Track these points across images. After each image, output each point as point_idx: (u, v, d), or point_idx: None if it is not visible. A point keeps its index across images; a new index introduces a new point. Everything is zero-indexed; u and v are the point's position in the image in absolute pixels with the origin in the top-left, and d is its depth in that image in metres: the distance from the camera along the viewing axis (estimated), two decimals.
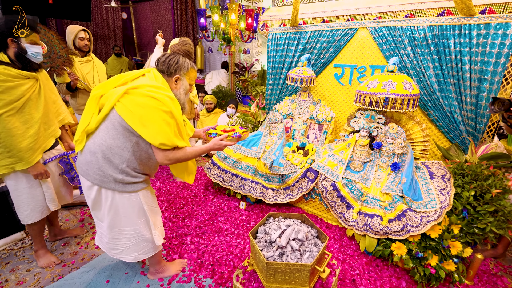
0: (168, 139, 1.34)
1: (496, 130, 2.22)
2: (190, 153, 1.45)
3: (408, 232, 1.70)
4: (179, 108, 1.46)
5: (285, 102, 2.91)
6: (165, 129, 1.33)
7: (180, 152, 1.42)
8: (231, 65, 4.36)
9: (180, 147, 1.42)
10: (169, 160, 1.41)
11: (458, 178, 1.85)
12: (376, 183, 2.07)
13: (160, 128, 1.31)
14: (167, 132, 1.34)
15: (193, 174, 1.71)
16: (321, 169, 2.27)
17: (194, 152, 1.46)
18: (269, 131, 2.78)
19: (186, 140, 1.51)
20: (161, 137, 1.32)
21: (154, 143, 1.32)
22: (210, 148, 1.50)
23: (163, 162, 1.42)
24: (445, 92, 2.16)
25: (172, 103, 1.39)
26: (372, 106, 1.98)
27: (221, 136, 1.50)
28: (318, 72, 2.80)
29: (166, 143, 1.34)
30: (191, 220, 2.38)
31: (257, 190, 2.54)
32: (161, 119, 1.32)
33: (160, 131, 1.31)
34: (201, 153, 1.50)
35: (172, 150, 1.40)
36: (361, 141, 2.18)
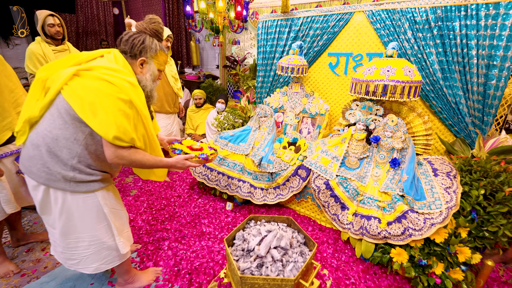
0: (124, 132, 1.12)
1: (504, 124, 2.03)
2: (148, 160, 1.23)
3: (410, 236, 1.50)
4: (142, 97, 1.24)
5: (276, 95, 2.70)
6: (120, 120, 1.11)
7: (138, 155, 1.20)
8: (221, 58, 4.15)
9: (138, 147, 1.21)
10: (120, 159, 1.17)
11: (465, 175, 1.65)
12: (373, 181, 1.87)
13: (115, 119, 1.10)
14: (123, 124, 1.12)
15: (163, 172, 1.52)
16: (313, 166, 2.06)
17: (153, 162, 1.25)
18: (258, 126, 2.58)
19: (152, 140, 1.30)
20: (115, 130, 1.10)
21: (106, 136, 1.10)
22: (171, 165, 1.32)
23: (113, 160, 1.17)
24: (449, 80, 1.96)
25: (133, 90, 1.18)
26: (369, 96, 1.77)
27: (187, 156, 1.34)
28: (312, 62, 2.60)
29: (122, 137, 1.12)
30: (171, 223, 2.17)
31: (245, 190, 2.33)
32: (116, 109, 1.10)
33: (114, 123, 1.09)
34: (160, 166, 1.30)
35: (128, 148, 1.17)
36: (357, 135, 1.98)
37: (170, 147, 1.45)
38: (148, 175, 1.50)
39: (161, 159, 1.28)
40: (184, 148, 1.42)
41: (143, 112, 1.21)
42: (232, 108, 2.90)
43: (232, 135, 2.57)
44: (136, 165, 1.23)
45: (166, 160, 1.30)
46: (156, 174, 1.51)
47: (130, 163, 1.20)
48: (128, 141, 1.14)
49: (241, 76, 3.73)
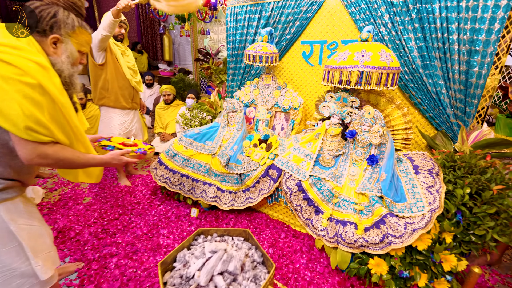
0: (38, 122, 0.87)
1: (485, 116, 1.89)
2: (79, 158, 1.04)
3: (389, 244, 1.31)
4: (57, 82, 0.97)
5: (246, 88, 2.46)
6: (29, 110, 0.85)
7: (66, 152, 1.00)
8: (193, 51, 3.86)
9: (62, 142, 0.98)
10: (43, 158, 0.94)
11: (449, 171, 1.48)
12: (350, 181, 1.67)
13: (21, 108, 0.84)
14: (34, 114, 0.86)
15: (98, 171, 1.26)
16: (284, 166, 1.84)
17: (85, 160, 1.06)
18: (227, 122, 2.33)
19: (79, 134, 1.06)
20: (24, 119, 0.84)
21: (16, 130, 0.83)
22: (106, 162, 1.16)
23: (33, 160, 0.93)
24: (429, 68, 1.80)
25: (43, 73, 0.91)
26: (342, 85, 1.57)
27: (123, 151, 1.20)
28: (284, 51, 2.37)
29: (36, 128, 0.87)
30: (124, 235, 1.88)
31: (211, 194, 2.08)
32: (21, 95, 0.84)
33: (20, 113, 0.84)
34: (93, 164, 1.12)
35: (52, 145, 0.95)
36: (332, 130, 1.77)
37: (98, 144, 1.26)
38: (80, 176, 1.23)
39: (94, 156, 1.10)
40: (115, 144, 1.28)
41: (60, 100, 0.95)
42: (200, 104, 2.63)
43: (198, 133, 2.31)
44: (65, 164, 1.02)
45: (100, 157, 1.13)
46: (89, 174, 1.25)
47: (56, 162, 0.98)
48: (46, 133, 0.90)
49: (214, 70, 3.46)
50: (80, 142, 1.09)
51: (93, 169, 1.24)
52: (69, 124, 1.02)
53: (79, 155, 1.04)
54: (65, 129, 1.01)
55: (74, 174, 1.22)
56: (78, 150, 1.06)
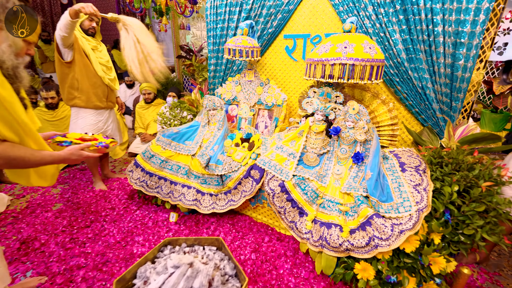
0: None
1: (471, 111, 1.85)
2: (33, 156, 0.95)
3: (376, 247, 1.23)
4: None
5: (228, 84, 2.35)
6: None
7: (18, 150, 0.91)
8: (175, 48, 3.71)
9: (10, 139, 0.90)
10: None
11: (436, 168, 1.41)
12: (335, 181, 1.58)
13: None
14: None
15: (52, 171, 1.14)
16: (266, 166, 1.74)
17: (40, 157, 0.98)
18: (207, 121, 2.20)
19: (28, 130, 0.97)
20: None
21: None
22: (64, 159, 1.06)
23: None
24: (414, 62, 1.73)
25: None
26: (325, 79, 1.48)
27: (82, 145, 1.12)
28: (266, 46, 2.27)
29: None
30: (94, 244, 1.73)
31: (190, 197, 1.95)
32: None
33: None
34: (49, 162, 1.03)
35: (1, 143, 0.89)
36: (316, 127, 1.68)
37: (52, 141, 1.18)
38: (32, 178, 1.10)
39: (50, 153, 1.02)
40: (72, 140, 1.20)
41: (1, 94, 0.84)
42: (180, 102, 2.49)
43: (177, 133, 2.18)
44: (18, 163, 0.93)
45: (57, 154, 1.04)
46: (43, 176, 1.13)
47: (6, 162, 0.90)
48: None
49: (196, 67, 3.32)
50: (31, 139, 1.00)
51: (47, 170, 1.12)
52: (15, 120, 0.91)
53: (33, 153, 0.95)
54: (12, 125, 0.91)
55: (25, 177, 1.08)
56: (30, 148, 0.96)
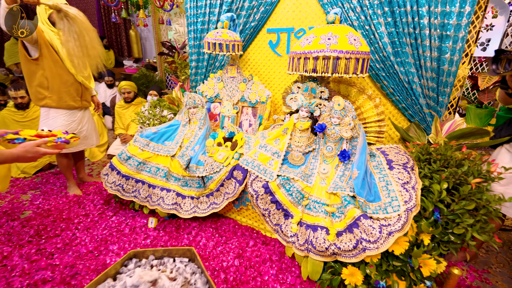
0: None
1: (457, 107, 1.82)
2: None
3: (364, 251, 1.16)
4: None
5: (210, 81, 2.24)
6: None
7: None
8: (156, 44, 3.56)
9: None
10: None
11: (424, 165, 1.36)
12: (321, 180, 1.51)
13: None
14: None
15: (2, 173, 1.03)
16: (249, 166, 1.64)
17: None
18: (188, 120, 2.09)
19: None
20: None
21: None
22: (18, 156, 0.97)
23: None
24: (400, 56, 1.68)
25: None
26: (308, 73, 1.40)
27: (39, 141, 1.01)
28: (249, 41, 2.18)
29: None
30: (63, 255, 1.59)
31: (169, 201, 1.83)
32: None
33: None
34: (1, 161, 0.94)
35: None
36: (300, 124, 1.60)
37: (2, 139, 1.09)
38: None
39: (1, 151, 0.95)
40: (27, 137, 1.12)
41: None
42: (159, 100, 2.36)
43: (155, 133, 2.05)
44: None
45: (9, 151, 0.95)
46: None
47: None
48: None
49: (178, 64, 3.19)
50: None
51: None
52: None
53: None
54: None
55: None
56: None
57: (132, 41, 5.83)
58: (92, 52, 1.93)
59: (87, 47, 1.89)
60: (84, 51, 1.89)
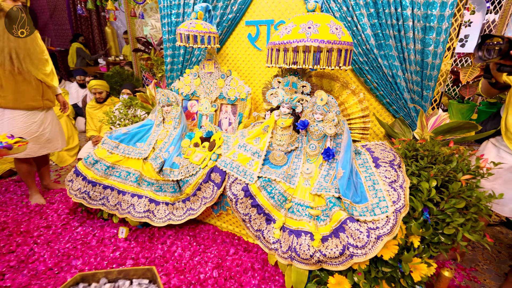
0: None
1: (440, 101, 1.78)
2: None
3: (351, 257, 1.06)
4: None
5: (186, 77, 2.09)
6: None
7: None
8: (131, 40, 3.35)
9: None
10: None
11: (411, 162, 1.29)
12: (304, 181, 1.40)
13: None
14: None
15: None
16: (228, 167, 1.52)
17: None
18: (162, 119, 1.93)
19: None
20: None
21: None
22: None
23: None
24: (384, 48, 1.61)
25: None
26: (288, 65, 1.29)
27: None
28: (227, 34, 2.05)
29: None
30: (17, 275, 1.39)
31: (140, 208, 1.67)
32: None
33: None
34: None
35: None
36: (282, 121, 1.49)
37: None
38: None
39: None
40: None
41: None
42: (130, 98, 2.18)
43: (126, 133, 1.88)
44: None
45: None
46: None
47: None
48: None
49: (155, 61, 3.00)
50: None
51: None
52: None
53: None
54: None
55: None
56: None
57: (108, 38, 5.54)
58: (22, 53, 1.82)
59: None
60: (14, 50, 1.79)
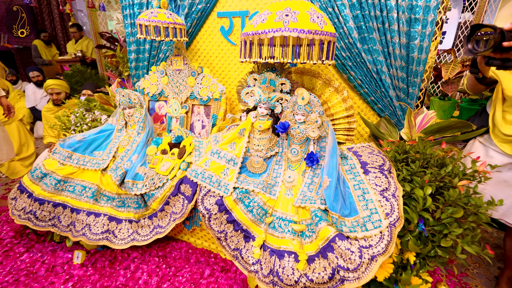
0: None
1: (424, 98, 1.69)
2: None
3: (342, 282, 0.91)
4: None
5: (152, 76, 1.86)
6: None
7: None
8: (93, 35, 3.04)
9: None
10: None
11: (402, 166, 1.17)
12: (286, 190, 1.24)
13: None
14: None
15: None
16: (199, 178, 1.32)
17: None
18: (124, 123, 1.69)
19: None
20: None
21: None
22: None
23: None
24: (367, 42, 1.49)
25: None
26: (264, 59, 1.12)
27: None
28: (197, 27, 1.84)
29: None
30: None
31: (98, 229, 1.44)
32: None
33: None
34: None
35: None
36: (259, 124, 1.32)
37: None
38: None
39: None
40: None
41: None
42: (88, 100, 1.91)
43: (81, 141, 1.62)
44: None
45: None
46: None
47: None
48: None
49: (120, 58, 2.72)
50: None
51: None
52: None
53: None
54: None
55: None
56: None
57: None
58: None
59: None
60: None
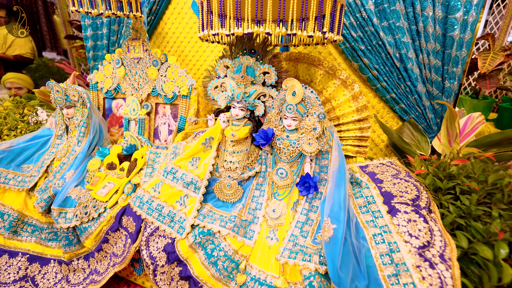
0: None
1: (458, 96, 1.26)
2: None
3: None
4: None
5: (106, 66, 1.46)
6: None
7: None
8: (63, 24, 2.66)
9: None
10: None
11: (448, 201, 0.74)
12: (268, 232, 0.83)
13: None
14: None
15: None
16: (144, 209, 0.92)
17: None
18: (65, 127, 1.30)
19: None
20: None
21: None
22: None
23: None
24: (388, 17, 1.07)
25: None
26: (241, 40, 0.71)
27: None
28: (164, 4, 1.44)
29: None
30: None
31: (9, 275, 1.04)
32: None
33: None
34: None
35: None
36: (232, 131, 0.91)
37: None
38: None
39: None
40: None
41: None
42: (28, 96, 1.52)
43: (6, 150, 1.23)
44: None
45: None
46: None
47: None
48: None
49: None
50: None
51: None
52: None
53: None
54: None
55: None
56: None
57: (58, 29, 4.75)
58: None
59: None
60: None
